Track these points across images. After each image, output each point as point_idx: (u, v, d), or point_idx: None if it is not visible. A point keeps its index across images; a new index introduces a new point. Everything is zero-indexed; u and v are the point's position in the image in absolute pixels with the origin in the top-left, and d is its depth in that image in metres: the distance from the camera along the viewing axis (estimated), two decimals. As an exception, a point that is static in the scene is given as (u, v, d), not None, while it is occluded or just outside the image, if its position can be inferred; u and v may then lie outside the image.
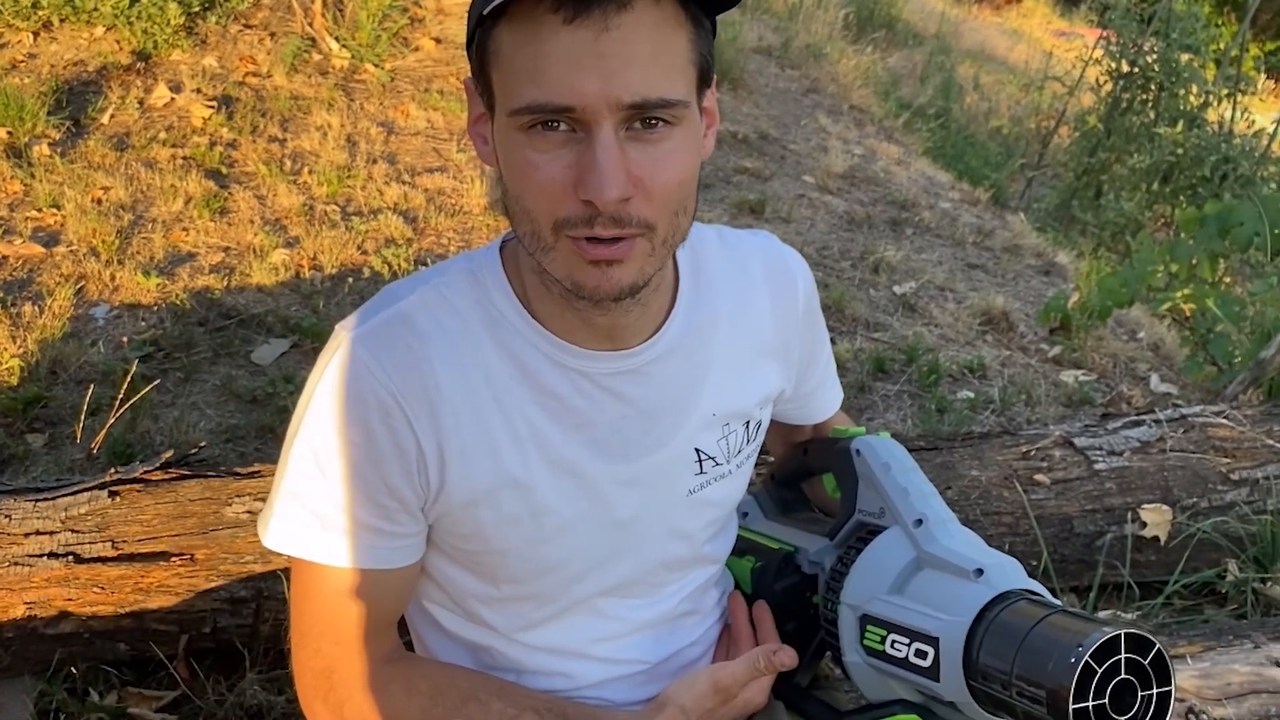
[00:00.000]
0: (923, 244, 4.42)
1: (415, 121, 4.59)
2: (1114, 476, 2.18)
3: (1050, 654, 0.80)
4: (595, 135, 0.79)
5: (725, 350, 1.02)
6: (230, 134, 4.20)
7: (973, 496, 2.13)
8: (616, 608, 1.06)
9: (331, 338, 0.93)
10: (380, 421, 0.89)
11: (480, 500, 0.94)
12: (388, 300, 0.94)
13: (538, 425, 0.94)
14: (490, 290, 0.94)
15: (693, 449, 1.02)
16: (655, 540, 1.04)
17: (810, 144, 5.31)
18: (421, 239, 3.72)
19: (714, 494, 1.06)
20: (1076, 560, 2.15)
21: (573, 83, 0.77)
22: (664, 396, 0.98)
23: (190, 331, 2.99)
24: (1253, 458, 2.24)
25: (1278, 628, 1.77)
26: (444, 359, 0.91)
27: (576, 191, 0.80)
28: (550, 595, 1.02)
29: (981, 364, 3.32)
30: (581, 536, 0.99)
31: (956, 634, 0.87)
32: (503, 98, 0.82)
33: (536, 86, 0.78)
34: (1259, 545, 2.17)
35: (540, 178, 0.81)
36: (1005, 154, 7.71)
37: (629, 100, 0.78)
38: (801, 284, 1.09)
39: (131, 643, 1.85)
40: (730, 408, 1.04)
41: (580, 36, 0.76)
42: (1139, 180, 6.67)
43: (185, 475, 1.96)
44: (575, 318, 0.92)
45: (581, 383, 0.95)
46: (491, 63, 0.82)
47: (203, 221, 3.59)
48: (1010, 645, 0.83)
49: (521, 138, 0.81)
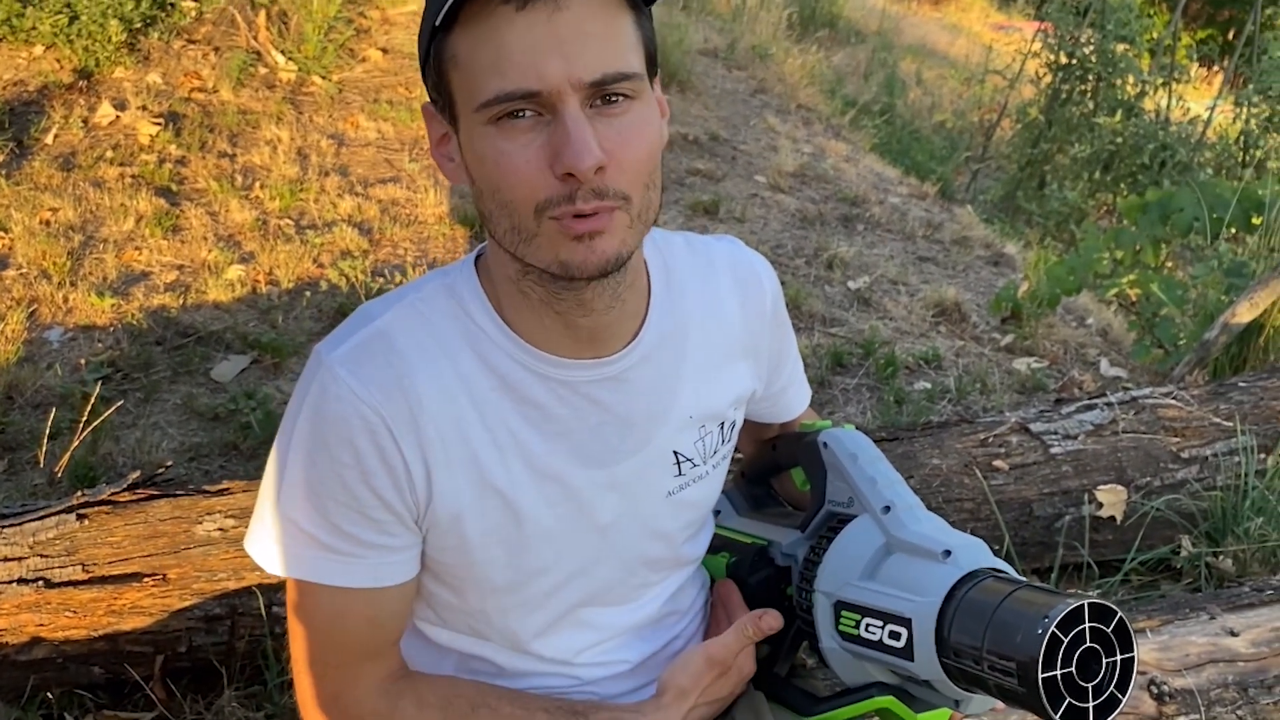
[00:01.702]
0: (874, 239, 4.48)
1: (366, 133, 4.58)
2: (1070, 459, 2.24)
3: (1018, 627, 0.83)
4: (563, 112, 0.81)
5: (698, 353, 1.04)
6: (179, 151, 4.16)
7: (934, 484, 2.17)
8: (599, 616, 1.08)
9: (310, 361, 0.94)
10: (368, 440, 0.90)
11: (465, 512, 0.95)
12: (363, 320, 0.94)
13: (520, 435, 0.95)
14: (467, 304, 0.95)
15: (671, 451, 1.04)
16: (635, 543, 1.05)
17: (760, 144, 5.36)
18: (377, 250, 3.71)
19: (692, 495, 1.08)
20: (1037, 542, 2.20)
21: (535, 66, 0.80)
22: (642, 401, 1.00)
23: (148, 351, 2.97)
24: (1201, 436, 2.31)
25: (1231, 599, 1.83)
26: (424, 374, 0.91)
27: (553, 169, 0.81)
28: (535, 605, 1.03)
29: (936, 355, 3.39)
30: (564, 544, 1.00)
31: (928, 613, 0.89)
32: (466, 97, 0.83)
33: (501, 76, 0.80)
34: (1210, 521, 2.24)
35: (515, 164, 0.82)
36: (950, 148, 7.83)
37: (589, 78, 0.81)
38: (768, 286, 1.11)
39: (106, 665, 1.85)
40: (705, 409, 1.05)
41: (534, 20, 0.79)
42: (1081, 170, 6.81)
43: (154, 495, 1.95)
44: (556, 323, 0.93)
45: (561, 391, 0.96)
46: (450, 69, 0.84)
47: (155, 240, 3.56)
48: (979, 621, 0.86)
49: (491, 130, 0.82)
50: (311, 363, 0.93)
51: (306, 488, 0.91)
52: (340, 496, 0.91)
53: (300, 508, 0.92)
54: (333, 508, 0.91)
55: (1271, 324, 2.98)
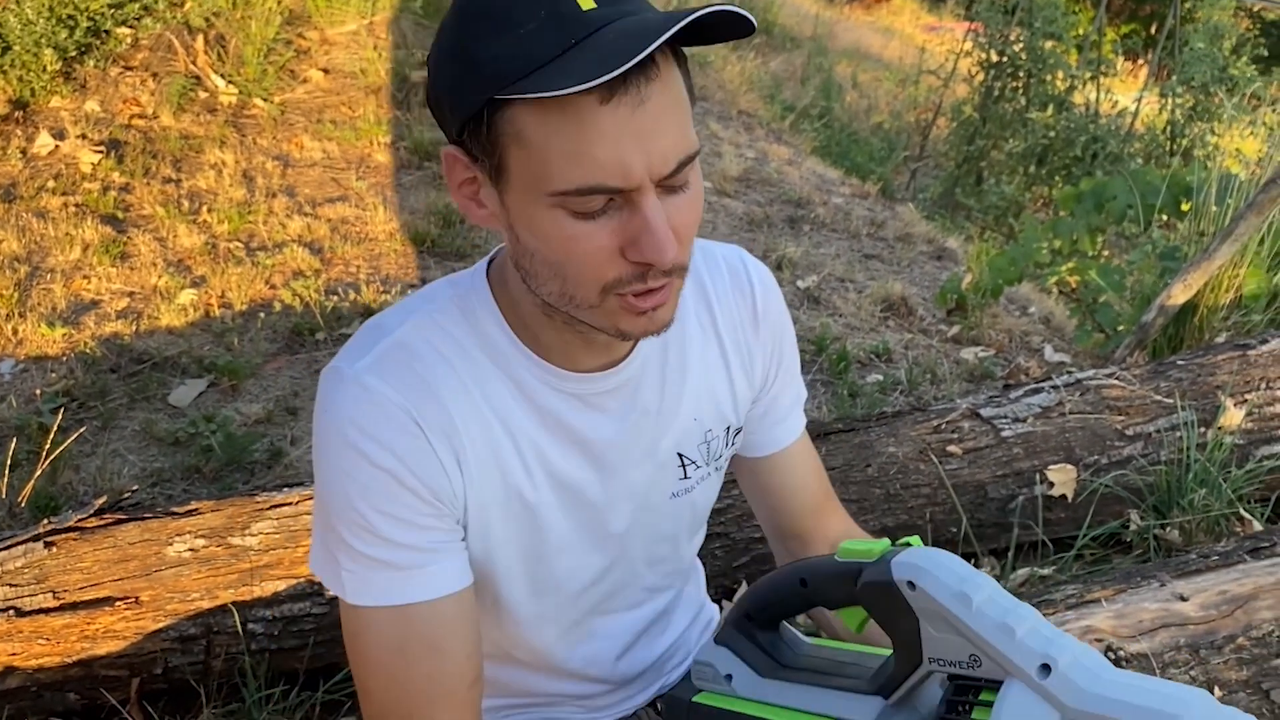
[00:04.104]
0: (820, 239, 4.56)
1: (311, 153, 4.57)
2: (1020, 442, 2.31)
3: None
4: (641, 204, 0.80)
5: (700, 357, 1.05)
6: (122, 178, 4.13)
7: (891, 472, 2.23)
8: (608, 623, 1.10)
9: (329, 381, 0.91)
10: (408, 441, 0.89)
11: (493, 518, 0.95)
12: (378, 333, 0.93)
13: (539, 444, 0.96)
14: (480, 319, 0.94)
15: (676, 454, 1.05)
16: (644, 547, 1.07)
17: (705, 150, 5.43)
18: (329, 269, 3.71)
19: (695, 496, 1.09)
20: (993, 524, 2.27)
21: (620, 164, 0.78)
22: (650, 407, 1.02)
23: (103, 379, 2.95)
24: (1144, 413, 2.40)
25: (1180, 566, 1.90)
26: (447, 382, 0.91)
27: (627, 255, 0.82)
28: (551, 616, 1.04)
29: (887, 348, 3.46)
30: (580, 552, 1.02)
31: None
32: (532, 179, 0.80)
33: (582, 170, 0.78)
34: (1156, 494, 2.32)
35: (587, 248, 0.81)
36: (889, 148, 7.96)
37: (667, 171, 0.80)
38: (759, 295, 1.09)
39: (81, 691, 1.84)
40: (709, 412, 1.07)
41: (619, 115, 0.76)
42: (1016, 164, 6.97)
43: (121, 520, 1.95)
44: (575, 340, 0.94)
45: (574, 403, 0.97)
46: (510, 142, 0.80)
47: (103, 268, 3.53)
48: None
49: (560, 214, 0.81)
50: (330, 380, 0.91)
51: (348, 505, 0.89)
52: (386, 506, 0.88)
53: (349, 528, 0.89)
54: (379, 520, 0.89)
55: (1205, 304, 3.09)
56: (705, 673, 0.99)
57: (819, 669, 0.95)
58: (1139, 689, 0.73)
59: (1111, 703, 0.72)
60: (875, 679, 0.89)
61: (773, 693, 0.95)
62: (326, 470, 0.90)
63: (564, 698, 1.12)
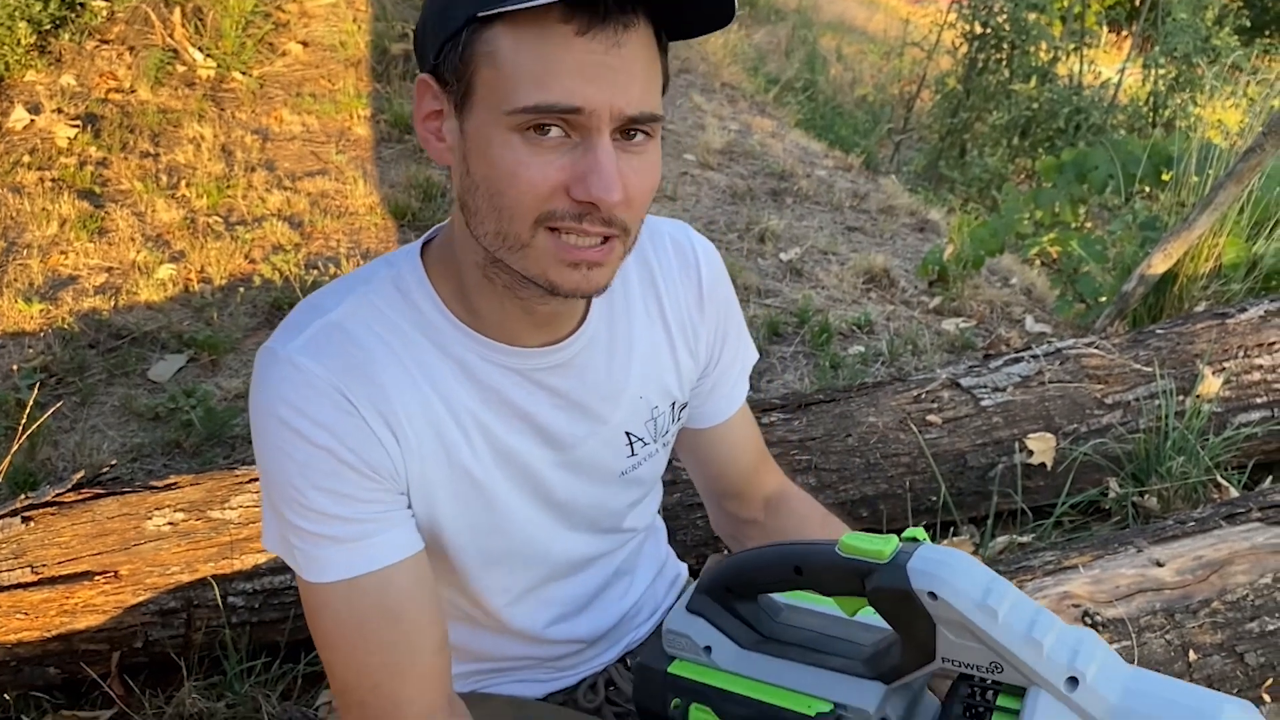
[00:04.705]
0: (803, 211, 4.56)
1: (290, 127, 4.53)
2: (1000, 411, 2.32)
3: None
4: (596, 141, 0.82)
5: (644, 334, 1.06)
6: (99, 152, 4.09)
7: (872, 441, 2.24)
8: (558, 590, 1.10)
9: (263, 362, 0.90)
10: (342, 418, 0.88)
11: (438, 493, 0.95)
12: (314, 313, 0.92)
13: (482, 419, 0.97)
14: (415, 299, 0.94)
15: (624, 433, 1.06)
16: (593, 518, 1.08)
17: (688, 123, 5.41)
18: (309, 243, 3.69)
19: (642, 473, 1.10)
20: (972, 492, 2.28)
21: (583, 88, 0.79)
22: (594, 384, 1.02)
23: (81, 354, 2.93)
24: (1123, 382, 2.41)
25: (1157, 532, 1.92)
26: (384, 363, 0.91)
27: (571, 191, 0.82)
28: (501, 586, 1.05)
29: (868, 320, 3.47)
30: (527, 524, 1.03)
31: None
32: (496, 97, 0.81)
33: (544, 89, 0.79)
34: (1135, 462, 2.33)
35: (531, 175, 0.82)
36: (872, 121, 7.95)
37: (630, 112, 0.82)
38: (705, 272, 1.10)
39: (61, 665, 1.84)
40: (655, 389, 1.08)
41: (592, 48, 0.79)
42: (1000, 136, 6.96)
43: (99, 494, 1.94)
44: (515, 308, 0.94)
45: (515, 378, 0.97)
46: (481, 62, 0.82)
47: (81, 243, 3.50)
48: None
49: (514, 137, 0.82)
50: (265, 360, 0.90)
51: (290, 485, 0.88)
52: (326, 483, 0.88)
53: (293, 507, 0.89)
54: (320, 497, 0.88)
55: (1185, 273, 3.10)
56: (680, 642, 0.96)
57: (807, 644, 0.93)
58: (1164, 700, 0.73)
59: (1136, 714, 0.72)
60: (875, 663, 0.88)
61: (759, 667, 0.93)
62: (265, 450, 0.90)
63: (531, 660, 1.13)
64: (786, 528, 1.21)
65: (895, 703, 0.86)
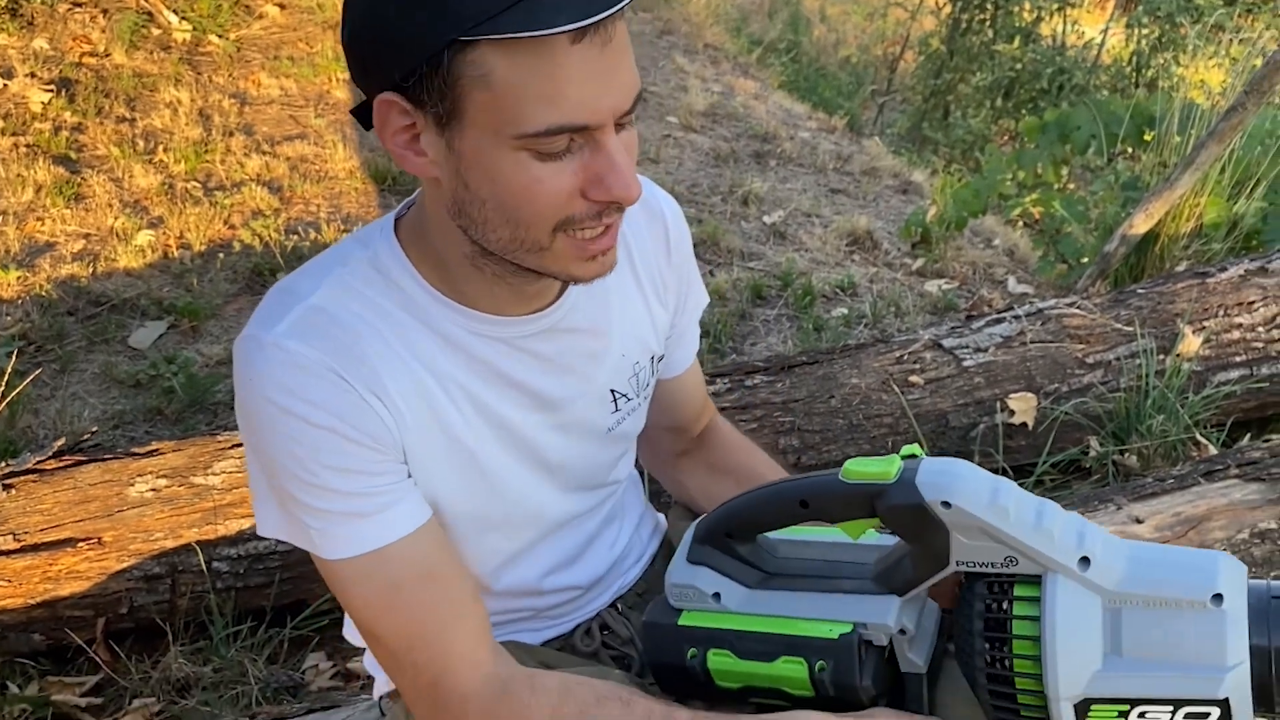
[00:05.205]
0: (786, 174, 4.54)
1: (268, 90, 4.48)
2: (981, 371, 2.33)
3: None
4: (603, 141, 0.81)
5: (620, 292, 1.07)
6: (74, 118, 4.04)
7: (854, 403, 2.25)
8: (550, 546, 1.11)
9: (249, 350, 0.88)
10: (338, 395, 0.87)
11: (435, 467, 0.95)
12: (292, 299, 0.90)
13: (472, 389, 0.96)
14: (395, 277, 0.93)
15: (609, 390, 1.07)
16: (583, 476, 1.10)
17: (670, 84, 5.37)
18: (289, 208, 3.66)
19: (627, 427, 1.12)
20: (954, 452, 2.29)
21: (591, 103, 0.78)
22: (578, 347, 1.03)
23: (60, 322, 2.91)
24: (1104, 342, 2.42)
25: (1136, 489, 1.94)
26: (371, 343, 0.90)
27: (589, 194, 0.82)
28: (495, 550, 1.06)
29: (851, 282, 3.47)
30: (522, 488, 1.03)
31: (1242, 683, 0.77)
32: (497, 120, 0.78)
33: (555, 110, 0.77)
34: (1115, 421, 2.35)
35: (548, 190, 0.81)
36: (856, 82, 7.91)
37: (626, 106, 0.81)
38: (672, 224, 1.12)
39: (46, 632, 1.84)
40: (636, 346, 1.09)
41: (588, 55, 0.76)
42: (983, 98, 6.95)
43: (81, 461, 1.93)
44: (504, 289, 0.94)
45: (502, 347, 0.97)
46: (472, 85, 0.77)
47: (57, 210, 3.46)
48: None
49: (523, 155, 0.80)
50: (249, 348, 0.88)
51: (299, 468, 0.87)
52: (337, 461, 0.87)
53: (306, 490, 0.88)
54: (333, 477, 0.87)
55: (1166, 233, 3.11)
56: (686, 594, 0.96)
57: (813, 573, 0.95)
58: (1166, 563, 0.81)
59: (1144, 581, 0.79)
60: (885, 579, 0.90)
61: (772, 603, 0.94)
62: (263, 437, 0.88)
63: (528, 612, 1.14)
64: (713, 460, 1.27)
65: (909, 612, 0.90)
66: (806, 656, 0.90)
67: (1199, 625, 0.78)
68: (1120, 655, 0.79)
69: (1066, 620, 0.79)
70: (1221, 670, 0.76)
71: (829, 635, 0.89)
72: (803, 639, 0.90)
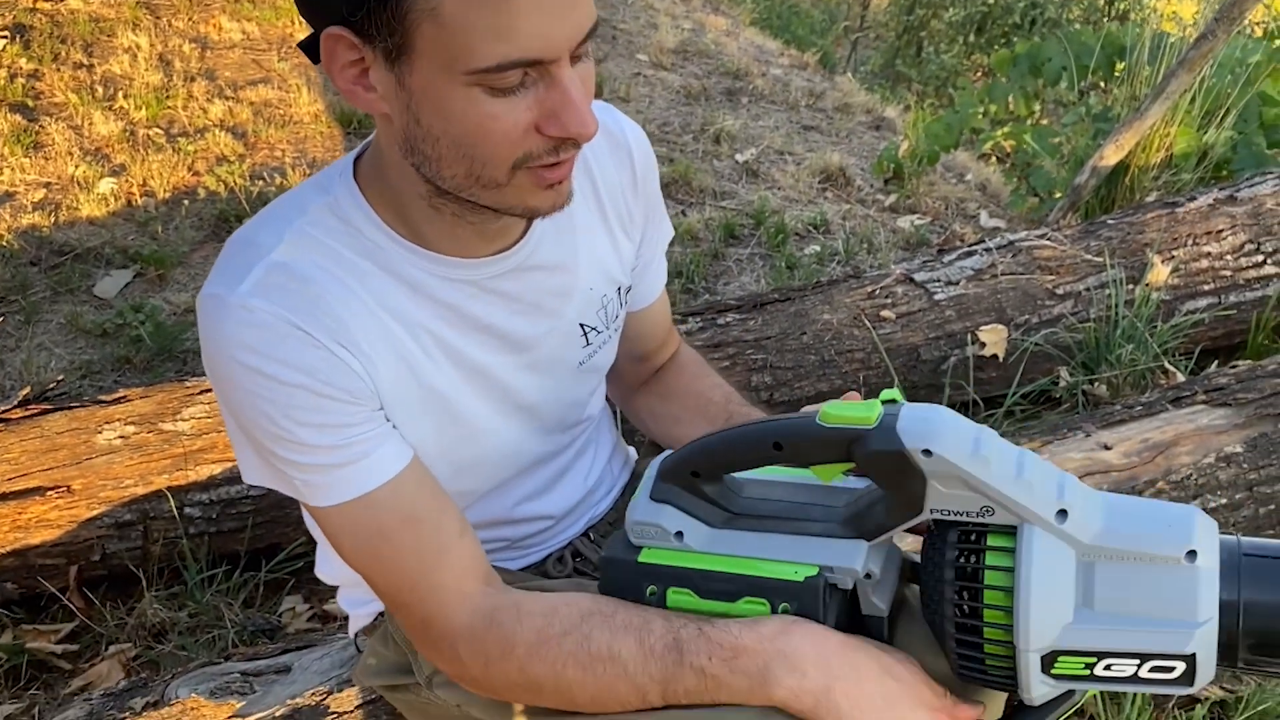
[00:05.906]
0: (759, 111, 4.50)
1: (229, 34, 4.39)
2: (953, 304, 2.34)
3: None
4: (558, 74, 0.79)
5: (585, 226, 1.05)
6: (30, 64, 3.94)
7: (826, 338, 2.25)
8: (528, 479, 1.12)
9: (213, 310, 0.86)
10: (309, 350, 0.86)
11: (407, 415, 0.95)
12: (253, 253, 0.88)
13: (440, 335, 0.96)
14: (356, 223, 0.91)
15: (578, 325, 1.07)
16: (556, 413, 1.10)
17: (639, 22, 5.30)
18: (254, 154, 3.60)
19: (599, 360, 1.12)
20: (926, 385, 2.30)
21: (545, 35, 0.76)
22: (546, 284, 1.02)
23: (23, 272, 2.87)
24: (1074, 273, 2.43)
25: (1104, 417, 1.95)
26: (336, 295, 0.88)
27: (544, 129, 0.80)
28: (471, 491, 1.06)
29: (824, 219, 3.45)
30: (497, 431, 1.03)
31: (1209, 640, 0.78)
32: (448, 55, 0.76)
33: (507, 43, 0.75)
34: (1085, 351, 2.36)
35: (503, 126, 0.80)
36: (829, 19, 7.84)
37: (581, 37, 0.78)
38: (637, 155, 1.10)
39: (18, 580, 1.83)
40: (603, 278, 1.08)
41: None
42: (956, 33, 6.90)
43: (47, 410, 1.92)
44: (467, 230, 0.93)
45: (469, 289, 0.96)
46: (422, 19, 0.75)
47: (15, 159, 3.39)
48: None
49: (476, 91, 0.78)
50: (212, 306, 0.86)
51: (274, 426, 0.87)
52: (312, 418, 0.87)
53: (284, 445, 0.88)
54: (309, 433, 0.87)
55: (1136, 164, 3.11)
56: (648, 531, 0.94)
57: (780, 514, 0.94)
58: (1143, 517, 0.81)
59: (1119, 535, 0.80)
60: (855, 523, 0.89)
61: (737, 544, 0.92)
62: (235, 396, 0.87)
63: (501, 542, 1.15)
64: (665, 383, 1.27)
65: (875, 557, 0.89)
66: (770, 598, 0.89)
67: (1172, 581, 0.78)
68: (1092, 608, 0.80)
69: (1041, 573, 0.79)
70: (1192, 626, 0.77)
71: (794, 577, 0.88)
72: (767, 580, 0.89)
